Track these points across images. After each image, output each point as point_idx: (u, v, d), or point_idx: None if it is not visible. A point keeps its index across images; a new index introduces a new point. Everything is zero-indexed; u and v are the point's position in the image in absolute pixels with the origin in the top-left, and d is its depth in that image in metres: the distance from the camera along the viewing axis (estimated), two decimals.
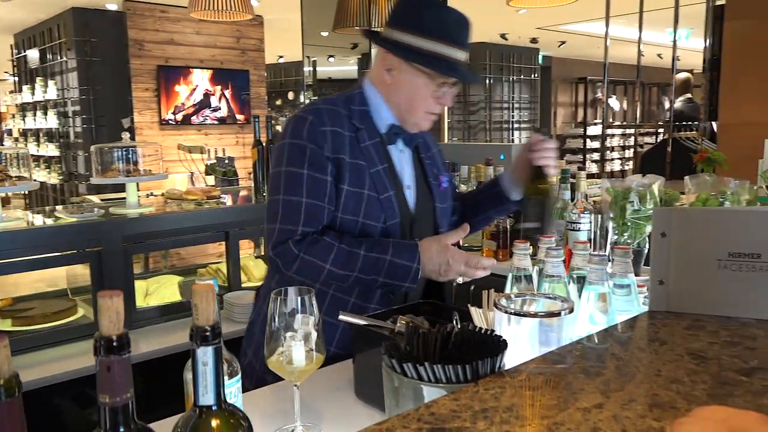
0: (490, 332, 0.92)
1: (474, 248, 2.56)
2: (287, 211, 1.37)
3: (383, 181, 1.44)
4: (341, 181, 1.40)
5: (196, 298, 0.62)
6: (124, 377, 0.56)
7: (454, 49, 1.41)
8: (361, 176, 1.42)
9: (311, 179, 1.37)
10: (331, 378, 1.30)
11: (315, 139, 1.38)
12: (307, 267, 1.36)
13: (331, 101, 1.47)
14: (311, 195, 1.37)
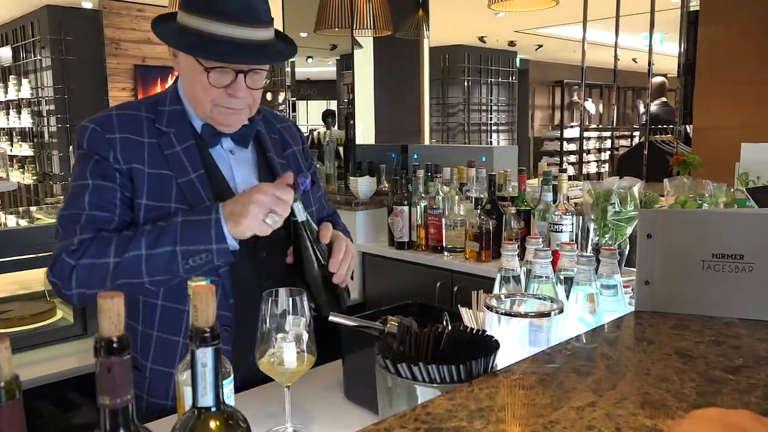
0: (482, 332, 0.93)
1: (457, 249, 2.58)
2: (66, 226, 1.17)
3: (196, 192, 1.22)
4: (138, 195, 1.20)
5: (195, 299, 0.62)
6: (125, 379, 0.56)
7: (219, 24, 1.15)
8: (166, 188, 1.21)
9: (95, 188, 1.18)
10: (320, 379, 1.30)
11: (97, 149, 1.20)
12: (87, 274, 1.12)
13: (134, 105, 1.28)
14: (94, 205, 1.17)
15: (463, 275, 2.51)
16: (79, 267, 1.13)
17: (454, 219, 2.57)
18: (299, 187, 1.38)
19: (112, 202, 1.19)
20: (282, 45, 1.27)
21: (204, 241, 1.12)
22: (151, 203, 1.20)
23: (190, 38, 1.19)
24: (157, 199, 1.21)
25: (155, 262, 1.12)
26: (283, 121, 1.50)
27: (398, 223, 2.74)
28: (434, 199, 2.64)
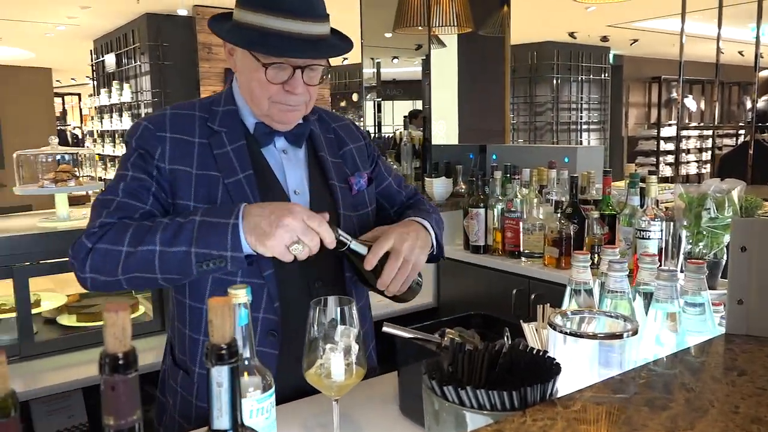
0: (542, 353, 0.84)
1: (535, 255, 2.45)
2: (96, 209, 1.16)
3: (244, 192, 1.19)
4: (185, 196, 1.17)
5: (211, 313, 0.57)
6: (130, 398, 0.52)
7: (276, 18, 1.13)
8: (213, 189, 1.19)
9: (132, 178, 1.17)
10: (377, 390, 1.25)
11: (145, 145, 1.19)
12: (102, 258, 1.09)
13: (189, 105, 1.26)
14: (127, 193, 1.16)
15: (541, 282, 2.38)
16: (94, 251, 1.09)
17: (532, 223, 2.45)
18: (353, 187, 1.35)
19: (145, 192, 1.17)
20: (337, 40, 1.24)
21: (219, 246, 1.06)
22: (198, 205, 1.17)
23: (248, 34, 1.16)
24: (204, 201, 1.18)
25: (168, 260, 1.08)
26: (340, 120, 1.45)
27: (474, 226, 2.64)
28: (512, 202, 2.53)
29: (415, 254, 1.21)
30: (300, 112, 1.25)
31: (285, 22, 1.14)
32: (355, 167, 1.38)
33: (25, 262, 2.07)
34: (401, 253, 1.18)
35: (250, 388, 0.85)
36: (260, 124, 1.25)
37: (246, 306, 0.85)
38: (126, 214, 1.14)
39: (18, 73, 10.17)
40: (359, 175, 1.35)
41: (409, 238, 1.21)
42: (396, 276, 1.18)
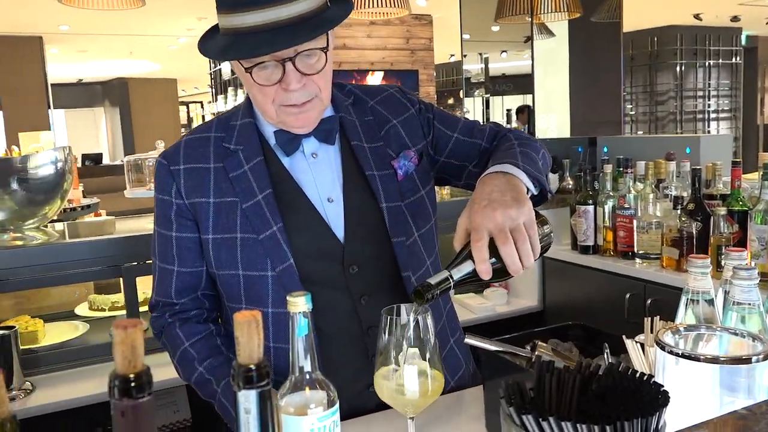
0: (646, 378, 0.71)
1: (651, 256, 2.23)
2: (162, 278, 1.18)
3: (263, 215, 1.09)
4: (204, 230, 1.12)
5: (237, 330, 0.50)
6: (143, 424, 0.46)
7: (241, 14, 1.00)
8: (231, 216, 1.11)
9: (177, 243, 1.15)
10: (463, 405, 1.15)
11: (162, 186, 1.15)
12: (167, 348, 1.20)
13: (206, 127, 1.20)
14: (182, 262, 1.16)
15: (659, 286, 2.15)
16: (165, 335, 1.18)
17: (648, 221, 2.22)
18: (398, 172, 1.17)
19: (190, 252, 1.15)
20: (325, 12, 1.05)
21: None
22: (217, 236, 1.12)
23: (221, 41, 1.05)
24: (224, 231, 1.12)
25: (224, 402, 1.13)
26: (380, 93, 1.25)
27: (582, 224, 2.45)
28: (624, 198, 2.31)
29: (513, 217, 0.92)
30: (316, 110, 1.10)
31: (248, 15, 1.00)
32: (401, 145, 1.20)
33: (132, 262, 2.16)
34: (503, 230, 0.92)
35: (312, 404, 0.78)
36: (280, 132, 1.13)
37: (306, 315, 0.78)
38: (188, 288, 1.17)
39: (147, 84, 10.97)
40: (404, 156, 1.18)
41: (494, 205, 0.93)
42: (520, 251, 0.92)
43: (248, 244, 1.09)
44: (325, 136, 1.15)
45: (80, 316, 2.32)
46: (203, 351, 1.14)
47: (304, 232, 1.10)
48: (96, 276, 2.17)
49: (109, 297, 2.34)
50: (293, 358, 0.79)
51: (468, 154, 1.24)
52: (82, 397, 1.93)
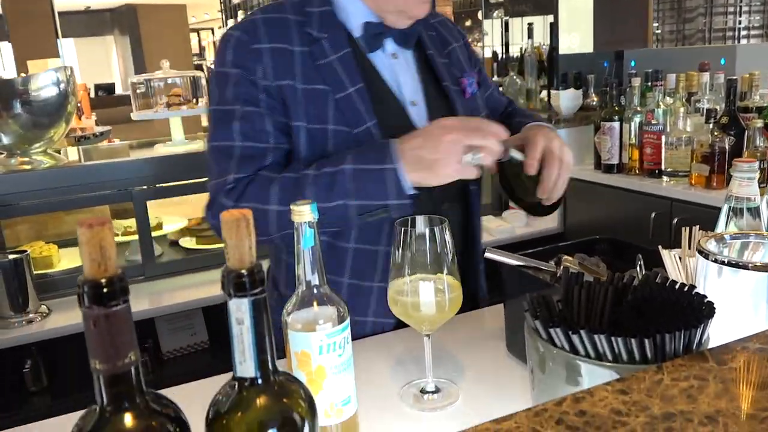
0: (688, 289, 0.64)
1: (679, 173, 2.13)
2: (218, 160, 1.04)
3: (356, 109, 1.03)
4: (295, 117, 1.03)
5: (225, 231, 0.44)
6: (121, 336, 0.41)
7: None
8: (322, 106, 1.03)
9: (242, 115, 1.02)
10: (484, 324, 1.10)
11: (244, 62, 1.03)
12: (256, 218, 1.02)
13: (279, 7, 1.08)
14: (245, 136, 1.02)
15: (686, 205, 2.06)
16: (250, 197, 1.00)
17: (677, 136, 2.11)
18: (466, 89, 1.17)
19: (264, 130, 1.03)
20: None
21: (380, 196, 0.95)
22: (311, 126, 1.03)
23: None
24: (316, 121, 1.03)
25: (326, 215, 0.96)
26: (437, 15, 1.25)
27: (606, 142, 2.34)
28: (652, 113, 2.19)
29: (566, 153, 1.02)
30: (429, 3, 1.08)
31: None
32: (461, 68, 1.20)
33: (143, 186, 2.11)
34: (555, 153, 1.00)
35: (320, 320, 0.73)
36: (370, 24, 1.08)
37: (311, 225, 0.72)
38: (255, 165, 1.02)
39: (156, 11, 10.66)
40: (469, 76, 1.17)
41: (554, 137, 1.03)
42: (558, 179, 1.01)
43: (340, 137, 1.03)
44: (405, 39, 1.11)
45: None
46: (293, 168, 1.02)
47: (392, 133, 1.02)
48: (105, 200, 2.13)
49: (121, 222, 2.30)
50: (299, 272, 0.73)
51: (496, 107, 1.30)
52: None
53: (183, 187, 2.18)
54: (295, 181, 0.98)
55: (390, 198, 0.94)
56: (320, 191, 0.95)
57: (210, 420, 0.46)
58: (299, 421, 0.47)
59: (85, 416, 0.43)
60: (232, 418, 0.46)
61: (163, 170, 2.16)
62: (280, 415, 0.47)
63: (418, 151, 0.92)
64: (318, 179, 0.96)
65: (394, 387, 0.92)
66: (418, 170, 0.93)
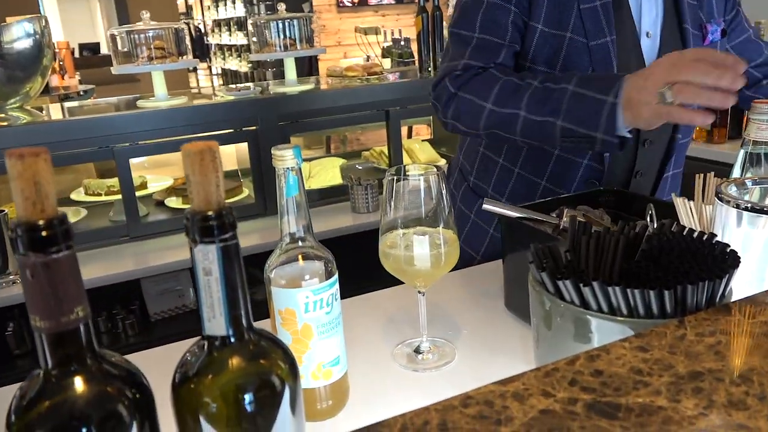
0: (708, 237, 0.58)
1: None
2: (455, 44, 1.08)
3: (599, 22, 1.02)
4: (534, 17, 1.04)
5: (187, 165, 0.37)
6: (64, 287, 0.35)
7: None
8: (566, 12, 1.03)
9: (488, 7, 1.04)
10: (480, 280, 1.05)
11: None
12: (465, 108, 1.04)
13: None
14: (486, 28, 1.05)
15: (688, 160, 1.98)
16: (458, 99, 1.05)
17: None
18: (707, 36, 1.11)
19: (504, 25, 1.05)
20: None
21: (589, 125, 0.92)
22: (546, 30, 1.04)
23: None
24: (554, 26, 1.04)
25: (531, 127, 0.98)
26: None
27: None
28: None
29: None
30: None
31: None
32: (710, 13, 1.14)
33: (124, 143, 2.03)
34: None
35: (306, 275, 0.67)
36: None
37: (295, 171, 0.66)
38: (487, 57, 1.05)
39: None
40: (715, 23, 1.13)
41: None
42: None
43: (575, 47, 1.04)
44: None
45: (77, 201, 2.22)
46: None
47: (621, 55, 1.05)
48: (85, 158, 2.06)
49: (104, 181, 2.23)
50: (282, 224, 0.67)
51: (753, 54, 1.22)
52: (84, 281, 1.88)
53: (166, 145, 2.10)
54: (517, 87, 0.99)
55: (599, 130, 0.91)
56: (535, 102, 0.96)
57: (176, 384, 0.41)
58: (278, 384, 0.41)
59: (28, 382, 0.37)
60: (202, 382, 0.40)
61: (146, 127, 2.08)
62: (257, 378, 0.41)
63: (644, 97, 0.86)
64: (537, 91, 0.97)
65: (386, 347, 0.87)
66: (639, 117, 0.88)
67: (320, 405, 0.71)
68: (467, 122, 1.05)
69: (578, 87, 0.93)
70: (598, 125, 0.90)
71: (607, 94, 0.90)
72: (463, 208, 1.25)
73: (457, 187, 1.28)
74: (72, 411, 0.35)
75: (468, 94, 1.03)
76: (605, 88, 0.90)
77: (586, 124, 0.91)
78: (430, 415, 0.39)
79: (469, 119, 1.04)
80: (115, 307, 2.17)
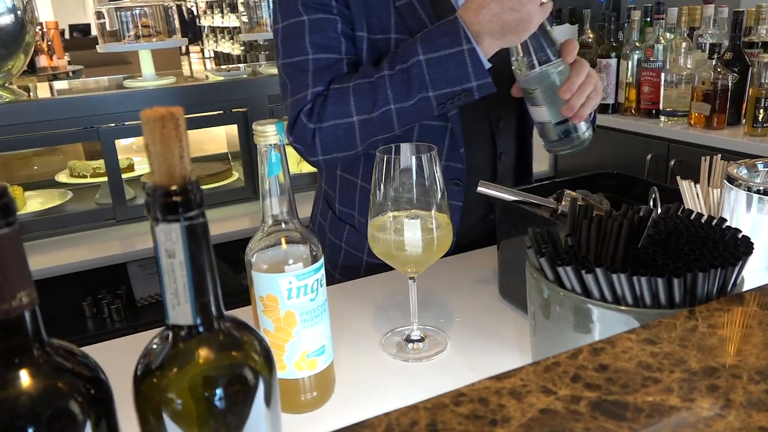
0: (717, 222, 0.55)
1: (678, 113, 2.03)
2: (293, 76, 0.99)
3: (418, 16, 0.98)
4: (357, 26, 0.98)
5: (146, 133, 0.33)
6: (5, 270, 0.30)
7: None
8: (383, 13, 0.98)
9: (313, 25, 0.97)
10: (474, 267, 1.01)
11: None
12: (334, 135, 0.95)
13: None
14: (318, 47, 0.97)
15: (684, 146, 1.97)
16: (321, 131, 0.95)
17: (678, 73, 2.00)
18: None
19: (335, 38, 0.98)
20: None
21: (462, 80, 0.89)
22: (371, 36, 0.99)
23: None
24: (377, 31, 0.99)
25: (408, 114, 0.93)
26: None
27: (603, 80, 2.22)
28: (652, 49, 2.07)
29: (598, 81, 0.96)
30: None
31: None
32: None
33: (110, 124, 1.97)
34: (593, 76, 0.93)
35: (290, 260, 0.63)
36: None
37: (277, 148, 0.61)
38: (329, 76, 0.98)
39: None
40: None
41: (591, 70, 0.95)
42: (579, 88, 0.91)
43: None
44: None
45: (62, 184, 2.17)
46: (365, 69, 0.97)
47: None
48: (70, 139, 2.00)
49: (89, 163, 2.17)
50: (264, 205, 0.63)
51: None
52: (67, 264, 1.83)
53: None
54: (371, 86, 0.93)
55: (472, 79, 0.88)
56: (399, 90, 0.91)
57: (138, 378, 0.37)
58: (252, 377, 0.38)
59: None
60: (166, 376, 0.36)
61: (132, 107, 2.03)
62: (227, 371, 0.37)
63: (500, 18, 0.85)
64: (394, 78, 0.91)
65: (375, 335, 0.83)
66: (502, 36, 0.87)
67: (304, 397, 0.67)
68: (343, 147, 0.96)
69: (428, 53, 0.89)
70: (469, 75, 0.88)
71: (458, 43, 0.87)
72: (333, 238, 1.15)
73: (324, 217, 1.18)
74: (14, 409, 0.31)
75: (329, 120, 0.95)
76: (452, 38, 0.87)
77: (459, 81, 0.88)
78: (418, 414, 0.35)
79: (343, 143, 0.96)
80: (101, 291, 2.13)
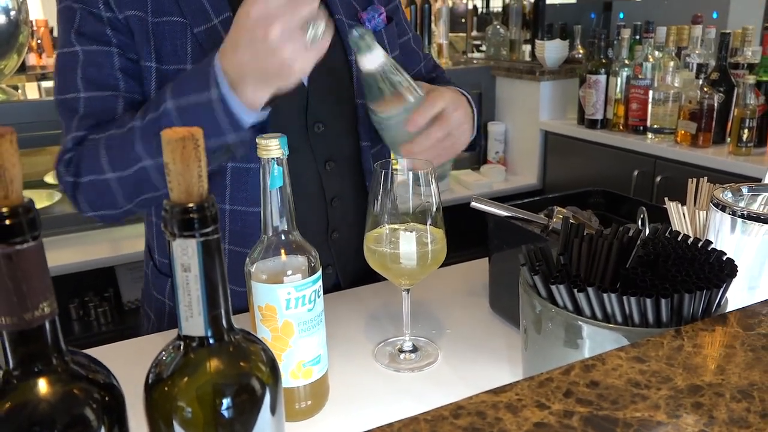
0: (703, 244, 0.57)
1: (665, 130, 2.07)
2: (63, 118, 0.87)
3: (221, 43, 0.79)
4: (144, 56, 0.85)
5: (167, 153, 0.34)
6: (29, 282, 0.32)
7: None
8: (179, 41, 0.85)
9: (86, 58, 0.85)
10: (466, 279, 1.03)
11: None
12: (95, 193, 0.83)
13: None
14: (91, 83, 0.85)
15: (670, 163, 2.01)
16: (79, 186, 0.84)
17: (665, 91, 2.04)
18: (365, 24, 0.97)
19: (111, 75, 0.85)
20: None
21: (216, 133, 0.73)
22: (163, 67, 0.86)
23: None
24: (171, 61, 0.86)
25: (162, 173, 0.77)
26: None
27: (592, 96, 2.26)
28: (641, 67, 2.11)
29: (462, 131, 0.86)
30: None
31: None
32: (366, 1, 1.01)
33: None
34: (450, 122, 0.82)
35: (289, 270, 0.65)
36: None
37: (280, 162, 0.63)
38: (100, 116, 0.85)
39: None
40: (374, 10, 0.99)
41: (461, 106, 0.85)
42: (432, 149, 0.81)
43: None
44: None
45: (50, 185, 2.17)
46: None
47: None
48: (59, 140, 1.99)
49: None
50: (265, 216, 0.65)
51: (411, 59, 1.10)
52: (54, 267, 1.83)
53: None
54: (122, 139, 0.80)
55: (226, 134, 0.73)
56: (150, 145, 0.77)
57: (149, 385, 0.38)
58: (259, 387, 0.39)
59: None
60: (177, 384, 0.38)
61: None
62: (236, 381, 0.38)
63: (258, 62, 0.69)
64: (145, 129, 0.78)
65: (368, 345, 0.85)
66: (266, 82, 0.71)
67: (299, 405, 0.68)
68: (109, 205, 0.84)
69: (176, 98, 0.75)
70: (221, 129, 0.73)
71: (206, 88, 0.72)
72: (156, 293, 1.03)
73: (148, 267, 1.06)
74: (34, 415, 0.33)
75: (85, 176, 0.82)
76: (201, 83, 0.73)
77: (213, 133, 0.73)
78: (419, 425, 0.36)
79: (107, 201, 0.83)
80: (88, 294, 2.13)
